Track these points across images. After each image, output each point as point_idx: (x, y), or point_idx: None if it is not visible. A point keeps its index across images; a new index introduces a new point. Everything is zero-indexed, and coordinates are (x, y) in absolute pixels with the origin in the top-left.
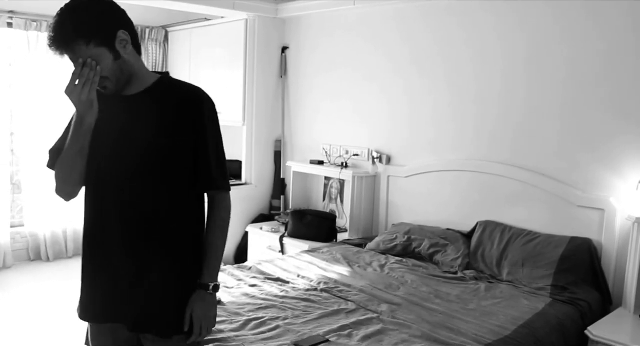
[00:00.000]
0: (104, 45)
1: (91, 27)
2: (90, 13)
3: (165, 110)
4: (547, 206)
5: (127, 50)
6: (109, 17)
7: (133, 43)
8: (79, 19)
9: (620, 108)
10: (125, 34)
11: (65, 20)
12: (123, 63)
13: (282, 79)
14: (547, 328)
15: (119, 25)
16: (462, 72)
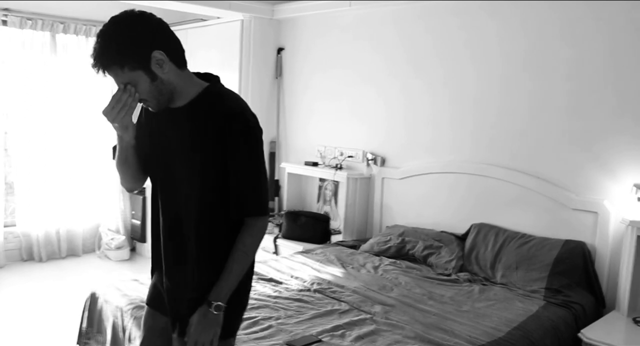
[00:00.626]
0: (138, 68)
1: (123, 52)
2: (123, 37)
3: (200, 125)
4: (542, 209)
5: (164, 69)
6: (143, 39)
7: (174, 57)
8: (111, 45)
9: (614, 112)
10: (160, 53)
11: (101, 46)
12: (161, 83)
13: (278, 80)
14: (540, 330)
15: (154, 45)
16: (460, 74)
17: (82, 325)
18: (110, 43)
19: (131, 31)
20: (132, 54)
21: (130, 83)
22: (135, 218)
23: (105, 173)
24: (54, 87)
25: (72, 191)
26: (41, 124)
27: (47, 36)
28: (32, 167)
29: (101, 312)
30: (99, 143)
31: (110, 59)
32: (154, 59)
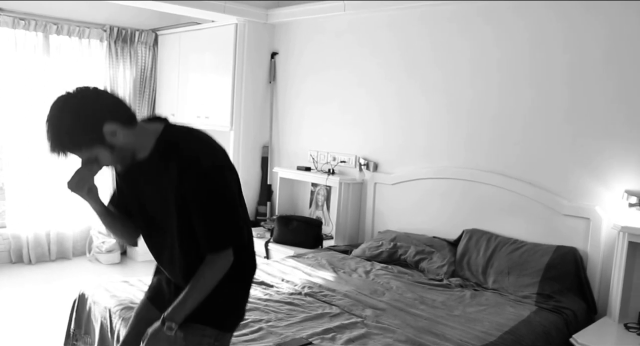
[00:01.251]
0: (95, 145)
1: (76, 138)
2: (71, 125)
3: (160, 176)
4: (534, 215)
5: (118, 138)
6: (89, 119)
7: (123, 121)
8: (62, 134)
9: (606, 119)
10: (111, 125)
11: (53, 136)
12: (120, 150)
13: (271, 85)
14: (532, 335)
15: (102, 120)
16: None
17: (69, 327)
18: (60, 132)
19: (77, 116)
20: (84, 136)
21: (92, 157)
22: None
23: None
24: (47, 89)
25: (63, 193)
26: (33, 126)
27: (40, 37)
28: (23, 168)
29: (89, 313)
30: None
31: (66, 146)
32: (106, 133)
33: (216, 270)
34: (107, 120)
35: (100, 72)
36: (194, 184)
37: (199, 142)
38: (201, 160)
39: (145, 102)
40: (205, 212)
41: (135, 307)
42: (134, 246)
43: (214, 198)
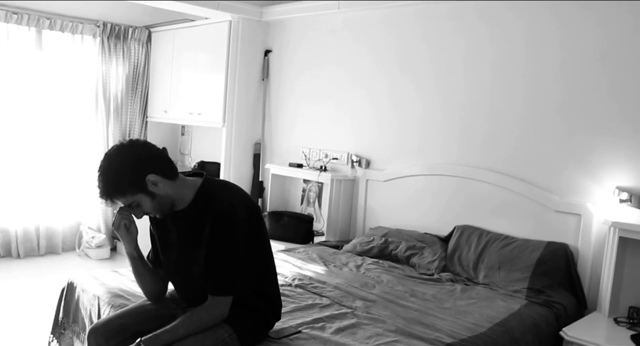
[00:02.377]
0: (138, 192)
1: (122, 186)
2: (118, 174)
3: (198, 225)
4: (525, 211)
5: (159, 188)
6: (136, 170)
7: (165, 174)
8: (109, 182)
9: (599, 116)
10: (154, 176)
11: (103, 185)
12: (160, 199)
13: (264, 82)
14: (522, 327)
15: (146, 171)
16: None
17: (57, 315)
18: (108, 181)
19: (124, 165)
20: (129, 185)
21: (135, 203)
22: None
23: (87, 171)
24: (38, 84)
25: (53, 188)
26: (23, 120)
27: (32, 32)
28: (13, 163)
29: (78, 301)
30: (82, 141)
31: (113, 193)
32: (148, 182)
33: (212, 315)
34: (151, 171)
35: (92, 68)
36: (221, 231)
37: (234, 192)
38: (234, 210)
39: (138, 98)
40: (216, 257)
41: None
42: (151, 300)
43: (231, 245)
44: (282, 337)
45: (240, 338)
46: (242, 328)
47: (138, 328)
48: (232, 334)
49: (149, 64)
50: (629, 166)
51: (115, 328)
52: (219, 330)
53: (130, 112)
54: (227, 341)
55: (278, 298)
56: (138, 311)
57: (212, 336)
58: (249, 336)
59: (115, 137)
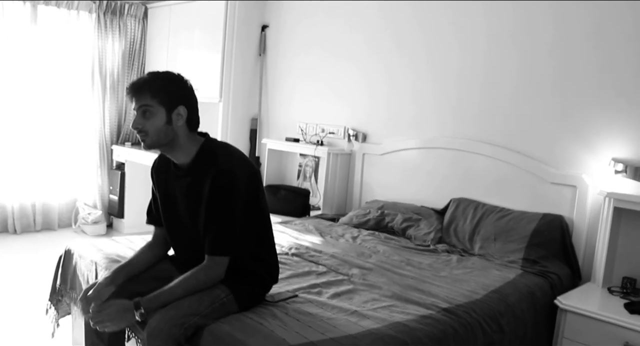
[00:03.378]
0: (163, 106)
1: (162, 88)
2: (169, 81)
3: (198, 181)
4: (521, 183)
5: (178, 122)
6: (180, 91)
7: (189, 122)
8: (157, 80)
9: (595, 87)
10: (184, 110)
11: (148, 78)
12: (170, 130)
13: (261, 57)
14: (517, 294)
15: (184, 101)
16: (444, 50)
17: (55, 283)
18: (156, 79)
19: (176, 81)
20: (167, 94)
21: (149, 112)
22: (113, 194)
23: (83, 148)
24: (33, 60)
25: (49, 165)
26: (18, 96)
27: (27, 6)
28: (9, 139)
29: (75, 268)
30: (78, 117)
31: (149, 87)
32: (177, 110)
33: (210, 276)
34: (186, 105)
35: (88, 44)
36: (219, 191)
37: (235, 154)
38: (233, 172)
39: (134, 74)
40: (213, 217)
41: (122, 261)
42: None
43: (229, 208)
44: (279, 301)
45: (237, 298)
46: (239, 289)
47: (136, 290)
48: (229, 295)
49: (145, 40)
50: (625, 137)
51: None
52: (216, 290)
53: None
54: (224, 302)
55: (275, 262)
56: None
57: (209, 296)
58: (246, 297)
59: (112, 113)
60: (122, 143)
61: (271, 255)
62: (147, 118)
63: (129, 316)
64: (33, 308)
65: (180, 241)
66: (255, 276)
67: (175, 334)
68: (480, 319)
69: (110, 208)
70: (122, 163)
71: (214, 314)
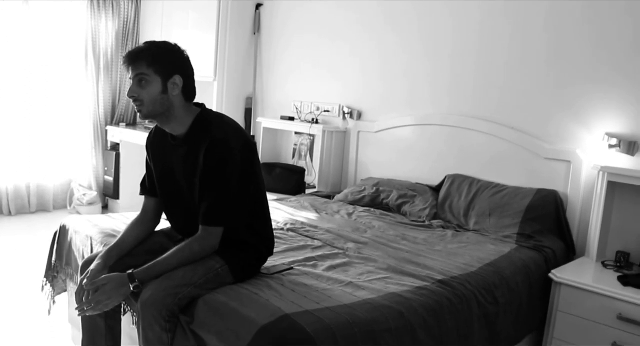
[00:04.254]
0: (159, 75)
1: (158, 57)
2: (164, 50)
3: (194, 151)
4: (515, 159)
5: (174, 92)
6: (176, 61)
7: (185, 92)
8: (153, 49)
9: (589, 62)
10: (179, 79)
11: (145, 47)
12: (166, 99)
13: (255, 36)
14: (512, 268)
15: (180, 71)
16: (437, 27)
17: (50, 259)
18: (153, 48)
19: (172, 51)
20: (163, 63)
21: (145, 81)
22: (108, 175)
23: (77, 129)
24: (25, 40)
25: (44, 146)
26: (12, 77)
27: None
28: (2, 120)
29: (70, 244)
30: (72, 98)
31: (145, 56)
32: (173, 79)
33: (202, 246)
34: (182, 75)
35: (81, 24)
36: (214, 161)
37: (229, 125)
38: (228, 141)
39: None
40: (208, 187)
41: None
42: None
43: (224, 179)
44: (275, 273)
45: (232, 269)
46: (234, 261)
47: (130, 262)
48: (223, 266)
49: (139, 20)
50: (618, 112)
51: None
52: (210, 261)
53: (121, 68)
54: (219, 272)
55: (271, 235)
56: (126, 251)
57: (203, 267)
58: (241, 269)
59: (106, 93)
60: (117, 123)
61: (267, 227)
62: (142, 87)
63: (125, 290)
64: (29, 288)
65: (177, 212)
66: (251, 248)
67: (169, 304)
68: (475, 291)
69: (105, 189)
70: (117, 144)
71: (208, 285)
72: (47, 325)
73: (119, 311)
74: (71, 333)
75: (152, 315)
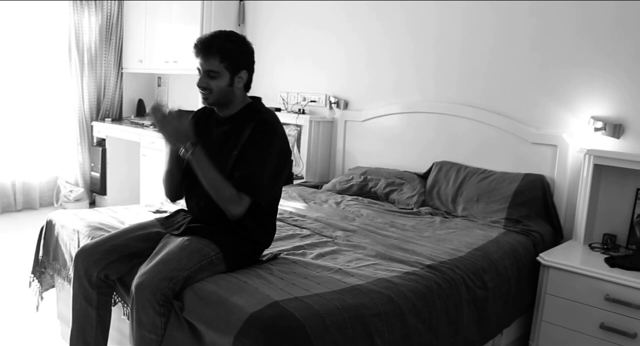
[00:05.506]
0: (228, 70)
1: (231, 53)
2: (237, 46)
3: (239, 130)
4: (502, 145)
5: (238, 85)
6: (244, 56)
7: (247, 83)
8: (227, 43)
9: (572, 46)
10: (245, 74)
11: (219, 38)
12: (230, 91)
13: (240, 28)
14: (500, 252)
15: (247, 66)
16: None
17: (37, 255)
18: (226, 42)
19: (243, 46)
20: (235, 59)
21: (215, 74)
22: (95, 171)
23: (62, 125)
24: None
25: (29, 143)
26: None
27: None
28: None
29: (57, 238)
30: (56, 93)
31: (218, 51)
32: (239, 74)
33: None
34: (248, 70)
35: (64, 19)
36: (260, 134)
37: (276, 117)
38: (275, 125)
39: (112, 50)
40: (251, 159)
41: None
42: (171, 200)
43: (266, 152)
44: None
45: (226, 258)
46: (228, 250)
47: (125, 251)
48: (218, 254)
49: (122, 14)
50: (603, 95)
51: (103, 250)
52: (206, 248)
53: (105, 63)
54: (213, 260)
55: (273, 227)
56: (125, 235)
57: (199, 254)
58: (235, 258)
59: (90, 89)
60: (102, 119)
61: (270, 218)
62: (212, 78)
63: (181, 142)
64: (16, 285)
65: (197, 193)
66: (247, 237)
67: (164, 288)
68: (464, 275)
69: (92, 185)
70: (103, 140)
71: (202, 272)
72: (35, 321)
73: (109, 301)
74: (60, 329)
75: (146, 298)
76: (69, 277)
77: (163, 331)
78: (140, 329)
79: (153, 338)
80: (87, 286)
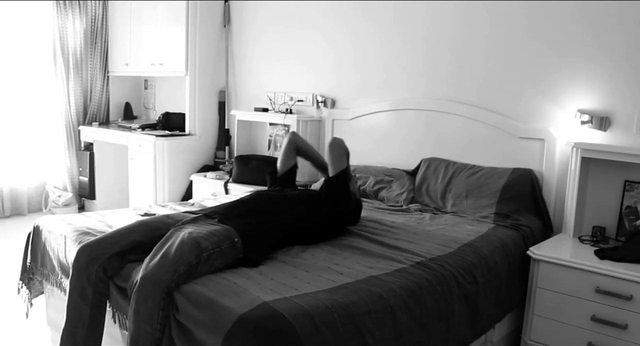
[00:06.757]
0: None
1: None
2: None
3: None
4: (490, 140)
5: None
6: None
7: None
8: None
9: (559, 41)
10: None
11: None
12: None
13: (226, 29)
14: (490, 247)
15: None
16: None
17: (25, 261)
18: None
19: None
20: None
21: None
22: (83, 175)
23: (49, 130)
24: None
25: (15, 148)
26: None
27: None
28: None
29: (45, 244)
30: (42, 99)
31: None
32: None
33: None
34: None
35: (48, 24)
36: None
37: None
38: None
39: (98, 53)
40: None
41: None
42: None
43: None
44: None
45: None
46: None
47: (127, 247)
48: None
49: (107, 17)
50: (589, 88)
51: (106, 245)
52: (226, 232)
53: (91, 67)
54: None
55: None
56: (127, 231)
57: (219, 236)
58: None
59: (77, 93)
60: (90, 123)
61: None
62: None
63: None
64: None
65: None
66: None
67: (167, 280)
68: (454, 271)
69: (80, 189)
70: (91, 144)
71: (221, 256)
72: (25, 328)
73: (104, 302)
74: (50, 335)
75: (149, 289)
76: (58, 282)
77: (159, 325)
78: (137, 320)
79: (148, 331)
80: (84, 283)
